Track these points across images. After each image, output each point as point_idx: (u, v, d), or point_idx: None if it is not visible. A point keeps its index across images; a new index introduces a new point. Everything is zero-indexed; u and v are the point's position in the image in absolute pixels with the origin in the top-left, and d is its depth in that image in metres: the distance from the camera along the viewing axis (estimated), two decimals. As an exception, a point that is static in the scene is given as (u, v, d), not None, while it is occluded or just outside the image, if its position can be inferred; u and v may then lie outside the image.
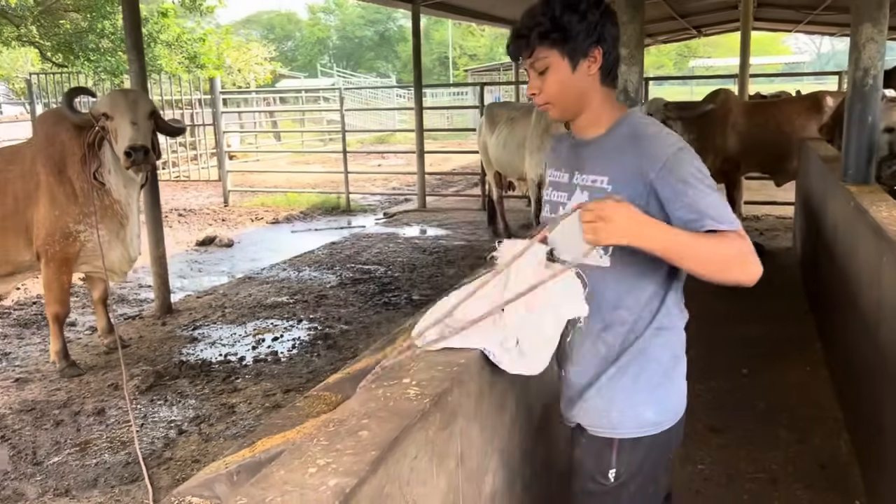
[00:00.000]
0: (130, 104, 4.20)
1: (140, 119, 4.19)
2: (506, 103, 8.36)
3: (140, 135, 4.14)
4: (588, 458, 1.69)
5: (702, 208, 1.47)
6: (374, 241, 8.36)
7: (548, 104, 1.62)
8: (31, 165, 4.22)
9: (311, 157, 17.70)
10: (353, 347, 4.81)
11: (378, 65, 63.62)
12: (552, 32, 1.54)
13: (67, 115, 4.24)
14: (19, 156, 4.27)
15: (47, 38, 10.44)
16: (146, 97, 4.48)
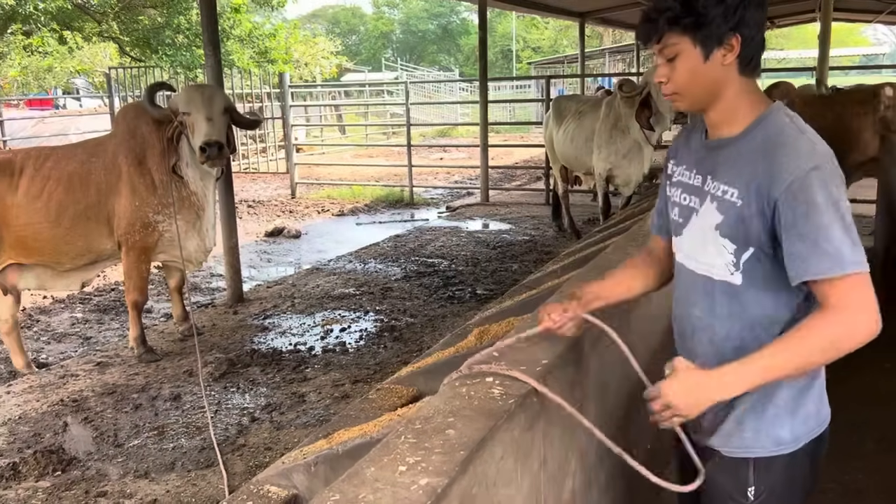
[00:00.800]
0: (206, 100, 4.31)
1: (215, 115, 4.29)
2: (573, 96, 8.25)
3: (215, 130, 4.24)
4: (723, 477, 1.57)
5: (817, 241, 1.32)
6: (437, 234, 8.38)
7: (675, 94, 1.50)
8: (112, 157, 4.37)
9: (375, 151, 17.88)
10: (419, 340, 4.83)
11: (440, 58, 63.70)
12: (683, 17, 1.41)
13: (148, 109, 4.38)
14: (101, 148, 4.43)
15: (126, 34, 10.82)
16: (222, 92, 4.59)
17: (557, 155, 7.52)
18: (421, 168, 13.70)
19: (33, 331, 5.76)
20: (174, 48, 10.21)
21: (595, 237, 4.85)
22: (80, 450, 3.45)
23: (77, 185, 4.28)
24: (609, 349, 1.86)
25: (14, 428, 3.68)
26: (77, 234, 4.31)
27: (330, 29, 52.54)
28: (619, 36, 31.03)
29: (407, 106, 11.54)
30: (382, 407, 2.58)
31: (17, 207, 4.23)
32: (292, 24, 16.89)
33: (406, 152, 11.53)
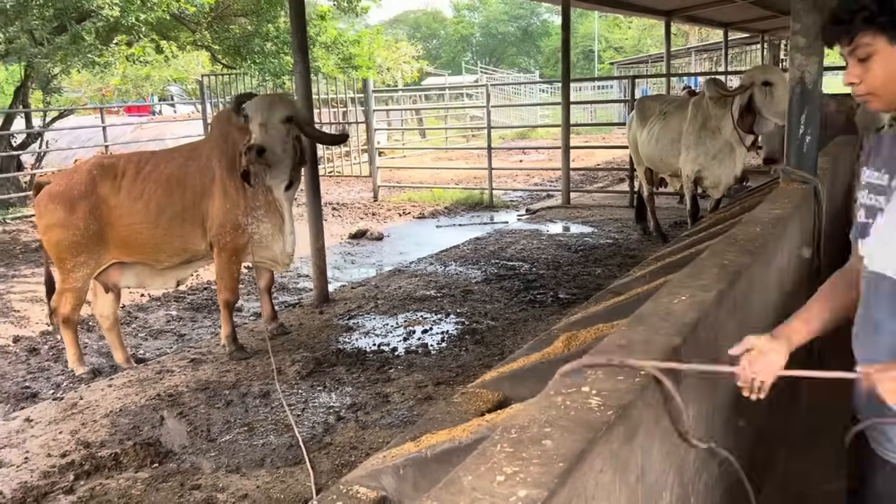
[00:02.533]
0: (266, 107, 4.40)
1: (270, 122, 4.36)
2: (657, 96, 8.05)
3: (263, 137, 4.30)
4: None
5: None
6: (517, 237, 8.33)
7: (870, 95, 1.46)
8: (206, 161, 4.55)
9: (455, 154, 17.96)
10: (500, 344, 4.81)
11: (520, 60, 63.47)
12: (880, 16, 1.37)
13: (234, 119, 4.53)
14: (197, 152, 4.62)
15: (218, 42, 11.24)
16: (287, 103, 4.64)
17: (642, 156, 7.35)
18: (500, 170, 13.67)
19: (132, 327, 6.05)
20: (263, 56, 10.54)
21: (684, 241, 4.70)
22: (175, 443, 3.59)
23: (174, 187, 4.48)
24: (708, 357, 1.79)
25: (115, 420, 3.87)
26: (174, 235, 4.50)
27: (411, 34, 53.16)
28: (705, 34, 30.13)
29: (487, 109, 11.54)
30: (468, 411, 2.57)
31: (121, 208, 4.46)
32: (375, 30, 17.16)
33: (486, 155, 11.52)
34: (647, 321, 1.89)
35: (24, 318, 6.36)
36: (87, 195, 4.43)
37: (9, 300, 6.86)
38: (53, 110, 13.49)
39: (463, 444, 1.86)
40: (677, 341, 1.72)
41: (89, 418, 3.91)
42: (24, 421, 3.90)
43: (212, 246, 4.58)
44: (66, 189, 4.45)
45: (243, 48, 10.71)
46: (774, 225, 3.08)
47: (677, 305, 2.00)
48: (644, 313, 1.99)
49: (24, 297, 6.91)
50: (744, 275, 2.42)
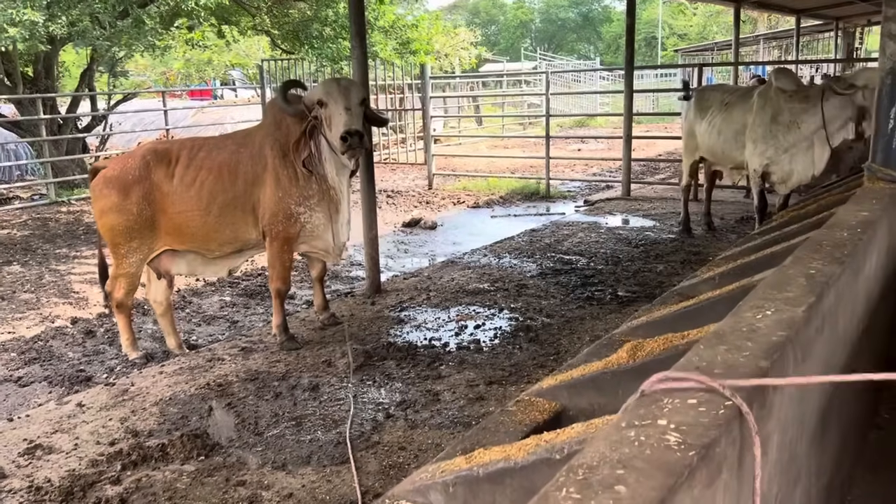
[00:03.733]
0: (344, 91, 4.27)
1: (353, 105, 4.26)
2: (718, 86, 7.66)
3: (354, 120, 4.22)
4: None
5: None
6: (574, 229, 8.10)
7: None
8: (259, 149, 4.47)
9: (511, 142, 17.71)
10: (555, 343, 4.63)
11: (580, 47, 62.51)
12: None
13: (282, 106, 4.41)
14: (250, 139, 4.54)
15: (277, 27, 11.25)
16: (358, 85, 4.55)
17: (701, 148, 7.03)
18: (558, 160, 13.39)
19: (186, 312, 6.08)
20: (321, 41, 10.49)
21: (755, 240, 4.42)
22: (222, 436, 3.55)
23: (226, 174, 4.42)
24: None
25: (164, 409, 3.85)
26: (225, 223, 4.45)
27: (470, 20, 52.81)
28: (774, 21, 28.99)
29: (546, 96, 11.27)
30: (522, 422, 2.41)
31: (173, 195, 4.42)
32: (434, 16, 17.00)
33: (544, 143, 11.28)
34: (728, 339, 1.70)
35: (82, 300, 6.47)
36: (141, 180, 4.41)
37: (69, 281, 7.00)
38: (118, 93, 13.77)
39: (518, 465, 1.71)
40: (764, 365, 1.53)
41: (139, 406, 3.90)
42: (77, 406, 3.91)
43: (264, 235, 4.51)
44: (121, 174, 4.44)
45: (301, 33, 10.69)
46: (863, 230, 2.81)
47: (762, 321, 1.80)
48: (724, 330, 1.80)
49: (85, 279, 7.04)
50: (832, 287, 2.20)
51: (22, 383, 4.69)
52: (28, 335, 5.62)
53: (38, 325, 5.83)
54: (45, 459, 3.35)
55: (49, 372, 4.86)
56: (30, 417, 3.81)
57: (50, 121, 11.60)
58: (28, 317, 6.03)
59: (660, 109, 22.71)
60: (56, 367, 4.92)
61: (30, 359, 5.10)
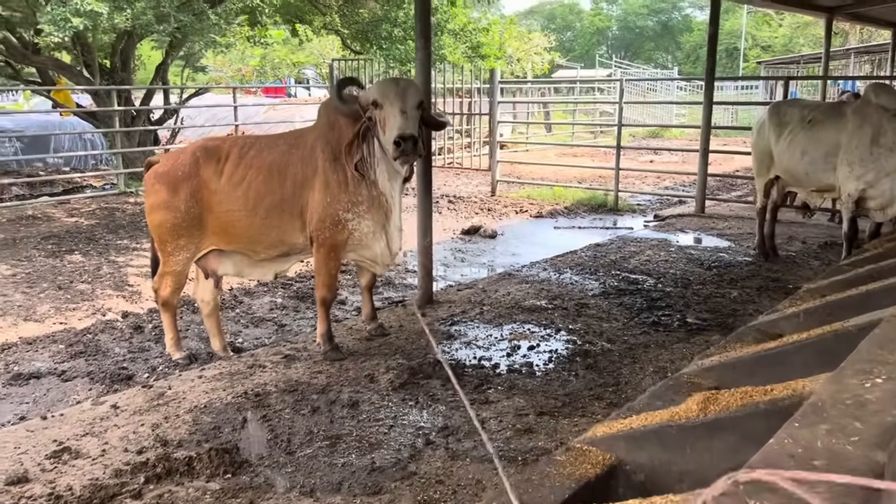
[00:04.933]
0: (400, 92, 4.02)
1: (409, 108, 4.01)
2: (796, 101, 7.08)
3: (409, 124, 3.96)
4: None
5: None
6: (642, 246, 7.68)
7: None
8: (310, 151, 4.28)
9: (580, 150, 17.27)
10: (615, 372, 4.28)
11: (657, 56, 61.26)
12: None
13: (337, 105, 4.21)
14: (302, 140, 4.36)
15: (347, 27, 11.18)
16: (416, 86, 4.28)
17: (777, 167, 6.52)
18: (629, 171, 12.92)
19: (235, 312, 5.98)
20: (390, 41, 10.36)
21: (846, 273, 3.98)
22: (253, 451, 3.35)
23: (275, 175, 4.25)
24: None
25: (198, 417, 3.69)
26: (271, 226, 4.29)
27: (545, 25, 52.33)
28: (867, 34, 27.56)
29: (620, 105, 10.84)
30: (571, 476, 2.10)
31: (221, 193, 4.28)
32: (508, 20, 16.73)
33: (615, 153, 10.86)
34: (829, 416, 1.37)
35: (136, 294, 6.45)
36: (190, 177, 4.29)
37: (125, 273, 7.01)
38: (190, 88, 13.99)
39: None
40: (880, 458, 1.21)
41: (173, 412, 3.75)
42: (111, 407, 3.80)
43: (311, 240, 4.32)
44: (171, 170, 4.33)
45: (371, 33, 10.58)
46: None
47: (873, 393, 1.45)
48: (823, 402, 1.46)
49: (140, 272, 7.04)
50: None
51: (65, 378, 4.64)
52: (79, 327, 5.61)
53: (90, 318, 5.82)
54: (70, 464, 3.22)
55: (93, 367, 4.80)
56: (63, 417, 3.71)
57: (124, 112, 11.84)
58: (81, 308, 6.03)
59: (739, 123, 21.84)
60: (100, 363, 4.86)
61: (76, 352, 5.06)
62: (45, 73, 12.21)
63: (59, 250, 7.86)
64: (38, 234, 8.63)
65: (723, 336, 4.87)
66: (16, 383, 4.56)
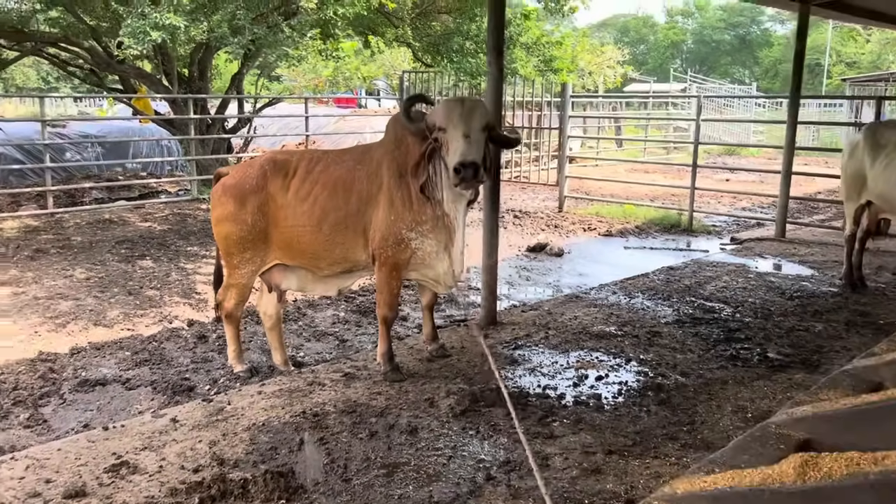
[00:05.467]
0: (465, 115, 3.87)
1: (473, 132, 3.85)
2: (893, 122, 6.61)
3: (472, 150, 3.80)
4: None
5: None
6: (719, 271, 7.33)
7: None
8: (376, 167, 4.19)
9: (652, 167, 16.82)
10: (691, 409, 4.02)
11: (733, 70, 59.67)
12: None
13: (404, 123, 4.10)
14: (368, 156, 4.27)
15: (419, 39, 11.17)
16: (483, 107, 4.10)
17: (871, 192, 6.10)
18: (703, 190, 12.47)
19: (298, 325, 5.95)
20: (461, 55, 10.28)
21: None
22: (308, 476, 3.26)
23: (340, 191, 4.18)
24: None
25: (255, 435, 3.62)
26: (335, 242, 4.21)
27: (618, 38, 51.64)
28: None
29: (697, 122, 10.46)
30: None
31: (287, 208, 4.24)
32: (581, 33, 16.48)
33: (689, 171, 10.49)
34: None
35: (202, 302, 6.51)
36: (258, 191, 4.26)
37: (193, 281, 7.10)
38: (264, 98, 14.24)
39: None
40: None
41: (231, 429, 3.70)
42: (171, 421, 3.77)
43: (373, 258, 4.22)
44: (239, 182, 4.31)
45: (442, 46, 10.53)
46: None
47: None
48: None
49: (208, 280, 7.11)
50: None
51: (129, 386, 4.68)
52: (145, 334, 5.67)
53: (157, 325, 5.89)
54: (127, 479, 3.19)
55: (156, 376, 4.82)
56: (124, 428, 3.70)
57: (199, 121, 12.12)
58: (149, 314, 6.11)
59: (821, 143, 20.92)
60: (163, 372, 4.88)
61: (141, 360, 5.11)
62: (127, 81, 12.64)
63: (131, 255, 8.04)
64: (112, 238, 8.87)
65: (807, 374, 4.55)
66: (82, 389, 4.61)
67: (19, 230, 9.36)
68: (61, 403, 4.45)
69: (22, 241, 8.67)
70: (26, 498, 3.01)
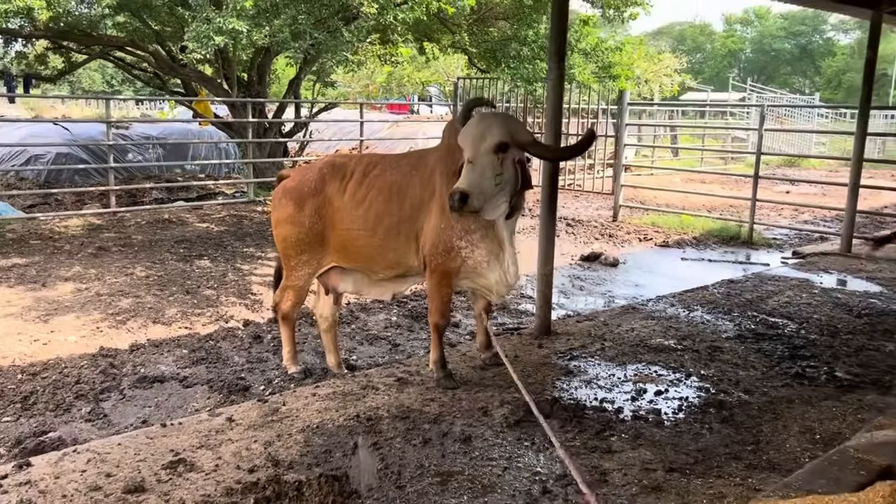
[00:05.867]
0: (475, 138, 3.77)
1: (479, 156, 3.74)
2: None
3: (468, 177, 3.71)
4: None
5: None
6: (781, 285, 7.09)
7: None
8: (430, 173, 4.15)
9: (709, 177, 16.44)
10: (755, 428, 3.87)
11: (793, 80, 58.18)
12: None
13: (458, 128, 4.02)
14: (423, 161, 4.24)
15: (475, 45, 11.15)
16: (499, 126, 3.83)
17: None
18: (764, 202, 12.12)
19: (351, 328, 5.96)
20: (518, 60, 10.21)
21: None
22: (362, 481, 3.23)
23: (395, 196, 4.15)
24: None
25: (310, 437, 3.62)
26: (389, 247, 4.19)
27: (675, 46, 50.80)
28: None
29: (760, 132, 10.17)
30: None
31: (343, 211, 4.24)
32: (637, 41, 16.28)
33: (750, 182, 10.21)
34: None
35: (258, 302, 6.58)
36: (316, 194, 4.28)
37: (249, 282, 7.18)
38: (320, 102, 14.42)
39: None
40: None
41: (286, 430, 3.70)
42: (227, 420, 3.80)
43: (424, 265, 4.18)
44: (298, 185, 4.34)
45: (499, 52, 10.48)
46: None
47: None
48: None
49: (264, 280, 7.20)
50: None
51: (186, 384, 4.74)
52: (202, 333, 5.75)
53: (213, 324, 5.97)
54: (184, 477, 3.22)
55: (212, 375, 4.88)
56: (182, 426, 3.74)
57: (257, 124, 12.32)
58: (206, 313, 6.20)
59: (887, 155, 20.18)
60: (220, 371, 4.94)
61: (198, 358, 5.17)
62: (188, 84, 12.94)
63: (189, 255, 8.20)
64: (171, 238, 9.06)
65: (880, 396, 4.34)
66: (140, 386, 4.69)
67: (83, 228, 9.65)
68: (121, 399, 4.54)
69: (86, 238, 8.93)
70: (87, 491, 3.06)
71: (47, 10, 8.05)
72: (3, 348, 5.27)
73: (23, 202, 11.18)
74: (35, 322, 5.83)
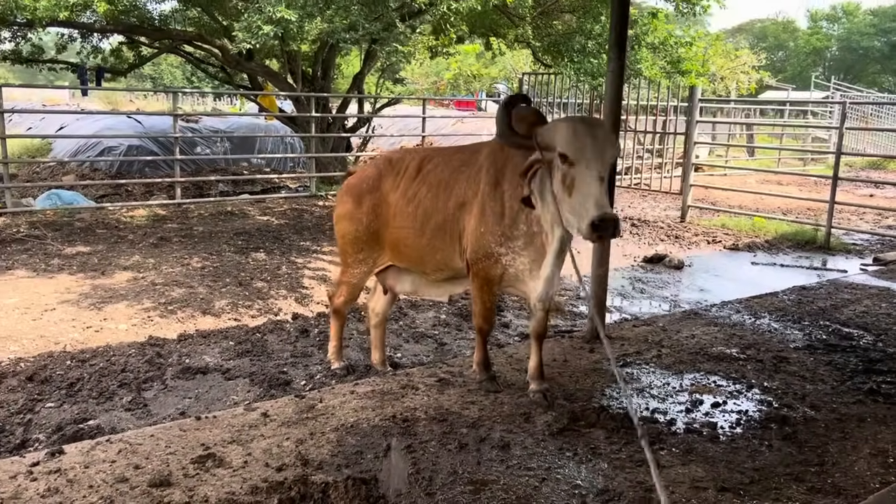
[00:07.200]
0: (599, 150, 3.18)
1: (607, 171, 3.24)
2: None
3: (605, 198, 3.13)
4: None
5: None
6: (859, 294, 6.62)
7: None
8: (477, 171, 3.87)
9: (786, 178, 15.69)
10: (820, 448, 3.56)
11: (883, 79, 55.32)
12: None
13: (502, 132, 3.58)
14: (474, 156, 3.97)
15: (539, 39, 10.89)
16: (613, 138, 3.44)
17: None
18: (844, 205, 11.45)
19: (399, 325, 5.85)
20: (583, 55, 9.90)
21: None
22: (391, 486, 3.10)
23: (442, 194, 3.95)
24: None
25: (343, 437, 3.51)
26: (435, 248, 4.01)
27: (755, 43, 49.02)
28: None
29: (840, 131, 9.58)
30: None
31: (395, 208, 4.11)
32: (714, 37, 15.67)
33: (829, 184, 9.63)
34: None
35: (307, 297, 6.55)
36: (373, 190, 4.17)
37: (301, 275, 7.17)
38: (383, 97, 14.41)
39: None
40: None
41: (319, 428, 3.61)
42: (261, 415, 3.73)
43: (467, 267, 3.98)
44: (358, 182, 4.26)
45: (563, 46, 10.20)
46: None
47: None
48: None
49: (316, 275, 7.18)
50: None
51: (228, 376, 4.72)
52: (250, 325, 5.75)
53: (262, 316, 5.96)
54: (212, 472, 3.15)
55: (255, 368, 4.84)
56: (216, 419, 3.69)
57: (321, 119, 12.39)
58: (255, 306, 6.21)
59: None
60: (262, 365, 4.90)
61: (243, 350, 5.16)
62: (254, 79, 13.12)
63: (246, 247, 8.27)
64: (231, 230, 9.17)
65: (965, 419, 3.95)
66: (183, 376, 4.70)
67: (148, 218, 9.88)
68: (163, 389, 4.55)
69: (149, 228, 9.13)
70: (114, 482, 3.02)
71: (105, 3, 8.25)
72: (56, 334, 5.38)
73: (95, 192, 11.55)
74: (89, 309, 5.94)
